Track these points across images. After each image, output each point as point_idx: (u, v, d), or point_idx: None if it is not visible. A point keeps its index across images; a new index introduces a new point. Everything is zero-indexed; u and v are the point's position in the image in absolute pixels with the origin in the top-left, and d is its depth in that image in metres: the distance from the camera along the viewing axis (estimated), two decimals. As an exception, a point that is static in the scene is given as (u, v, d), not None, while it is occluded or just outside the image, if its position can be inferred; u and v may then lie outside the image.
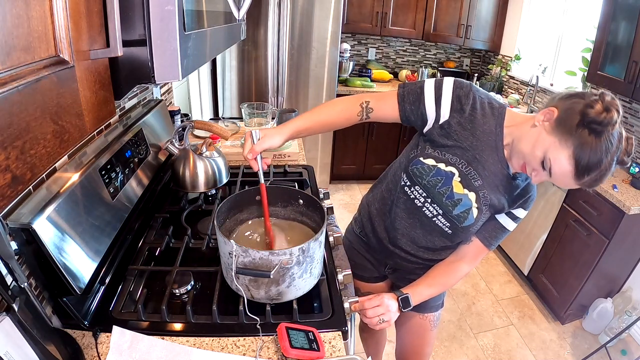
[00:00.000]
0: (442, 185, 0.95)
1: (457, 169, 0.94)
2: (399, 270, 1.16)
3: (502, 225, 1.01)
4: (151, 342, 0.80)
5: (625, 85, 1.93)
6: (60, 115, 0.47)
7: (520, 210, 1.00)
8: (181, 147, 1.32)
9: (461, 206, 0.95)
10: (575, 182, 0.80)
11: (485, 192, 0.94)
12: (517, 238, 2.54)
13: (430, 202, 0.98)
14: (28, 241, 0.71)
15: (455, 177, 0.94)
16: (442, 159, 0.94)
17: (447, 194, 0.95)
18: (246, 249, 0.81)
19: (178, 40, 0.61)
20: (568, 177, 0.80)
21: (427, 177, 0.96)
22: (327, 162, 3.33)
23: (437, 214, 0.99)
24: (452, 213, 0.97)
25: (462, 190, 0.94)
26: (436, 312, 1.21)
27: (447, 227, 1.00)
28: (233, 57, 2.71)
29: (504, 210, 0.98)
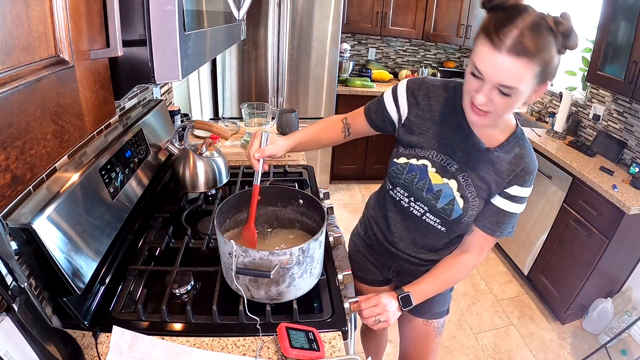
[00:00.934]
0: (418, 180, 0.95)
1: (428, 160, 0.94)
2: (403, 273, 1.15)
3: (499, 208, 0.93)
4: (151, 342, 0.80)
5: (625, 85, 1.93)
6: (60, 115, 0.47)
7: (515, 187, 0.91)
8: (181, 147, 1.32)
9: (443, 197, 0.93)
10: (495, 50, 0.71)
11: (464, 174, 0.91)
12: (517, 238, 2.54)
13: (413, 200, 0.98)
14: (28, 241, 0.71)
15: (430, 168, 0.94)
16: (413, 155, 0.96)
17: (426, 188, 0.94)
18: (246, 249, 0.81)
19: (178, 40, 0.61)
20: (487, 52, 0.73)
21: (402, 175, 0.97)
22: (327, 162, 3.33)
23: (424, 211, 0.98)
24: (437, 207, 0.94)
25: (441, 180, 0.93)
26: (441, 319, 1.18)
27: (438, 224, 0.98)
28: (233, 57, 2.71)
29: (496, 191, 0.92)
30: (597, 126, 2.46)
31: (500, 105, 0.78)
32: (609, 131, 2.37)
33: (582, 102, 2.57)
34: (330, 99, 3.00)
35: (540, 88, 0.78)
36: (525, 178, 0.90)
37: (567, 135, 2.52)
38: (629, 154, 2.22)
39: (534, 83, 0.75)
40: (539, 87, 0.77)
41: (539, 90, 0.78)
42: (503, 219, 0.94)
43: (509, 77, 0.73)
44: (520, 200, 0.93)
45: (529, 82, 0.74)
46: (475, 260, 1.00)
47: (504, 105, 0.78)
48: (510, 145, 0.90)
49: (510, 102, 0.77)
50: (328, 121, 1.10)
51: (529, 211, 2.42)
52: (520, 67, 0.71)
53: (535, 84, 0.75)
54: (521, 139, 0.91)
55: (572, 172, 2.08)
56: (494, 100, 0.77)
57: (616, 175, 2.03)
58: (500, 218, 0.94)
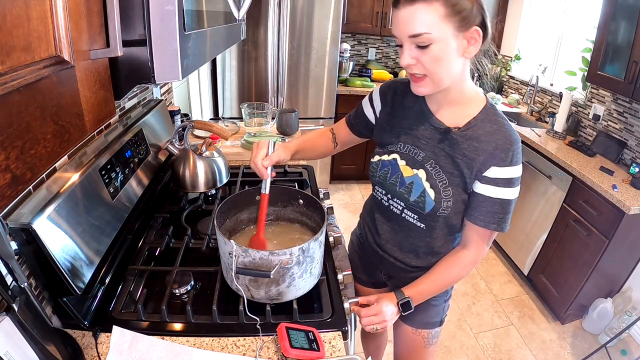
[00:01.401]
0: (391, 175, 0.95)
1: (397, 154, 0.94)
2: (394, 278, 1.14)
3: (484, 196, 0.86)
4: (151, 342, 0.80)
5: (625, 85, 1.93)
6: (60, 115, 0.47)
7: (494, 169, 0.83)
8: (181, 147, 1.32)
9: (415, 190, 0.91)
10: (396, 9, 0.75)
11: (432, 162, 0.89)
12: (517, 238, 2.54)
13: (390, 197, 0.99)
14: (28, 241, 0.71)
15: (399, 161, 0.94)
16: (385, 152, 0.98)
17: (399, 182, 0.94)
18: (246, 249, 0.81)
19: (178, 40, 0.61)
20: (393, 15, 0.76)
21: (377, 173, 0.98)
22: (327, 162, 3.33)
23: (402, 207, 0.97)
24: (410, 201, 0.92)
25: (411, 172, 0.92)
26: (432, 330, 1.12)
27: (417, 221, 0.96)
28: (233, 57, 2.71)
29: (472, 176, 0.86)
30: (597, 126, 2.46)
31: (428, 60, 0.77)
32: (609, 131, 2.37)
33: (582, 102, 2.56)
34: (330, 99, 3.00)
35: (468, 36, 0.76)
36: (501, 157, 0.82)
37: (567, 135, 2.52)
38: (629, 154, 2.22)
39: (448, 28, 0.73)
40: (462, 33, 0.75)
41: (468, 38, 0.76)
42: (493, 208, 0.86)
43: (413, 24, 0.74)
44: (505, 183, 0.84)
45: (439, 27, 0.73)
46: (474, 256, 0.94)
47: (432, 60, 0.77)
48: (480, 122, 0.85)
49: (437, 56, 0.76)
50: (320, 131, 1.15)
51: (529, 211, 2.42)
52: (419, 11, 0.72)
53: (452, 30, 0.74)
54: (492, 114, 0.86)
55: (572, 172, 2.08)
56: (419, 58, 0.77)
57: (616, 175, 2.03)
58: (490, 207, 0.86)
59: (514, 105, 3.17)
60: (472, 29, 0.76)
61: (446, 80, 0.81)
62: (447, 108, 0.89)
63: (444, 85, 0.82)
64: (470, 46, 0.78)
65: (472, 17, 0.75)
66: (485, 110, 0.87)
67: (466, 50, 0.78)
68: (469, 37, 0.76)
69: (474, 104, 0.88)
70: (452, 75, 0.81)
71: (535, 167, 2.37)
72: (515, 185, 0.85)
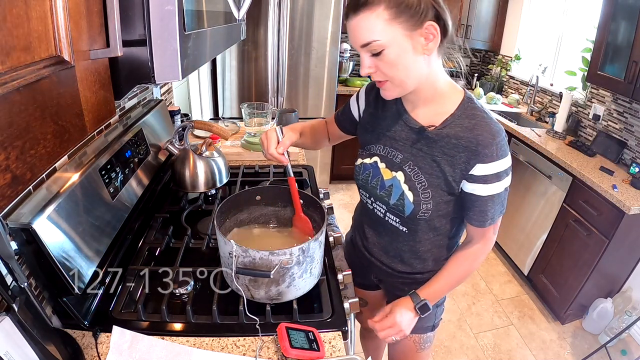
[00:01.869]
0: (372, 178, 0.95)
1: (377, 156, 0.94)
2: (384, 282, 1.14)
3: (475, 195, 0.83)
4: (151, 342, 0.80)
5: (625, 85, 1.93)
6: (60, 115, 0.47)
7: (479, 166, 0.80)
8: (181, 147, 1.32)
9: (395, 193, 0.90)
10: (346, 21, 0.76)
11: (410, 163, 0.87)
12: (517, 238, 2.54)
13: (373, 200, 0.98)
14: (28, 241, 0.71)
15: (379, 164, 0.93)
16: (366, 155, 0.97)
17: (380, 185, 0.93)
18: (246, 249, 0.81)
19: (178, 40, 0.61)
20: (347, 28, 0.77)
21: (360, 176, 0.98)
22: (327, 162, 3.33)
23: (385, 211, 0.96)
24: (390, 204, 0.91)
25: (390, 174, 0.90)
26: (424, 334, 1.11)
27: (399, 224, 0.95)
28: (233, 57, 2.71)
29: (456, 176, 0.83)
30: (597, 126, 2.46)
31: (385, 66, 0.76)
32: (609, 131, 2.37)
33: (582, 102, 2.56)
34: (330, 99, 3.00)
35: (423, 33, 0.73)
36: (485, 153, 0.78)
37: (567, 135, 2.52)
38: (629, 154, 2.22)
39: (397, 30, 0.71)
40: (416, 31, 0.72)
41: (424, 35, 0.73)
42: (483, 206, 0.84)
43: (361, 34, 0.74)
44: (494, 178, 0.81)
45: (386, 31, 0.71)
46: (483, 248, 0.92)
47: (388, 65, 0.76)
48: (457, 119, 0.82)
49: (392, 60, 0.75)
50: (318, 120, 1.17)
51: (529, 211, 2.42)
52: (364, 20, 0.72)
53: (402, 30, 0.72)
54: (469, 109, 0.82)
55: (572, 172, 2.08)
56: (377, 65, 0.77)
57: (616, 175, 2.03)
58: (482, 205, 0.84)
59: (514, 105, 3.17)
60: (426, 25, 0.72)
61: (410, 82, 0.79)
62: (422, 107, 0.87)
63: (410, 87, 0.80)
64: (429, 42, 0.74)
65: (422, 12, 0.71)
66: (463, 105, 0.83)
67: (425, 48, 0.75)
68: (425, 34, 0.73)
69: (450, 100, 0.84)
70: (415, 75, 0.78)
71: (535, 167, 2.37)
72: (505, 177, 0.82)
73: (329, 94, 2.98)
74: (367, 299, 1.28)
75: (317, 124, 1.16)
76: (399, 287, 1.08)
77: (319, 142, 1.17)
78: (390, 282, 1.10)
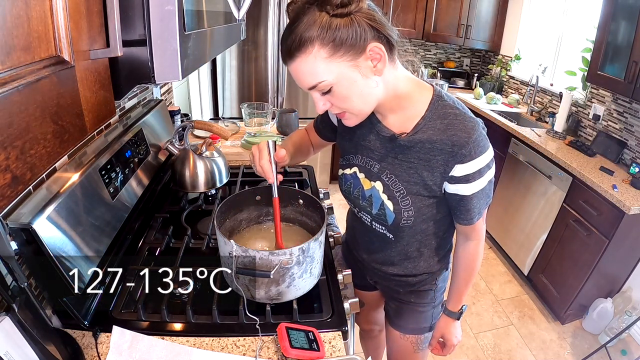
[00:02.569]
0: (354, 189, 0.93)
1: (356, 166, 0.92)
2: (380, 284, 1.14)
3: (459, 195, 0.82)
4: (151, 342, 0.80)
5: (625, 85, 1.93)
6: (60, 115, 0.47)
7: (458, 167, 0.77)
8: (181, 147, 1.32)
9: (375, 202, 0.88)
10: (286, 66, 0.72)
11: (387, 172, 0.85)
12: (517, 238, 2.54)
13: (358, 210, 0.97)
14: (28, 241, 0.71)
15: (359, 174, 0.91)
16: (347, 165, 0.95)
17: (361, 195, 0.91)
18: (246, 249, 0.81)
19: (178, 40, 0.61)
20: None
21: (343, 187, 0.98)
22: (327, 162, 3.33)
23: (371, 219, 0.95)
24: (373, 213, 0.90)
25: (370, 184, 0.89)
26: (421, 335, 1.11)
27: (385, 231, 0.95)
28: (233, 57, 2.71)
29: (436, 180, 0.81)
30: (597, 126, 2.46)
31: (338, 101, 0.73)
32: (609, 131, 2.37)
33: (582, 102, 2.56)
34: (330, 99, 3.00)
35: (366, 56, 0.69)
36: (461, 153, 0.76)
37: (567, 135, 2.52)
38: (629, 154, 2.22)
39: (340, 65, 0.67)
40: (359, 58, 0.68)
41: (370, 58, 0.69)
42: (468, 204, 0.83)
43: (303, 78, 0.70)
44: (475, 176, 0.78)
45: (329, 69, 0.68)
46: (478, 242, 0.94)
47: (341, 99, 0.73)
48: (428, 122, 0.78)
49: (343, 95, 0.72)
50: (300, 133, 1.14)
51: (529, 211, 2.42)
52: (302, 64, 0.68)
53: (346, 63, 0.68)
54: (440, 109, 0.78)
55: (572, 172, 2.08)
56: (330, 100, 0.74)
57: (616, 175, 2.03)
58: (467, 204, 0.83)
59: (514, 105, 3.17)
60: (369, 48, 0.68)
61: (368, 106, 0.76)
62: (391, 115, 0.83)
63: (370, 109, 0.78)
64: (377, 62, 0.70)
65: (360, 38, 0.67)
66: (433, 105, 0.79)
67: (374, 69, 0.71)
68: (371, 56, 0.69)
69: (419, 101, 0.80)
70: (371, 98, 0.75)
71: (535, 167, 2.37)
72: (487, 171, 0.79)
73: (329, 94, 2.98)
74: (364, 300, 1.28)
75: (300, 138, 1.11)
76: (394, 289, 1.08)
77: (304, 154, 1.14)
78: (385, 284, 1.11)
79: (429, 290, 1.06)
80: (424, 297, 1.06)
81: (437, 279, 1.06)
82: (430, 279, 1.04)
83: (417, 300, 1.07)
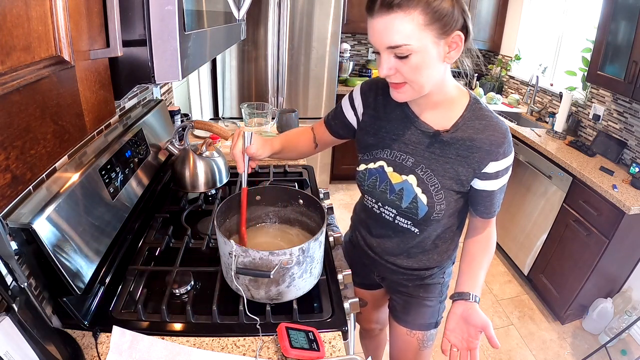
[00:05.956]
0: (380, 183, 0.93)
1: (384, 161, 0.92)
2: (387, 279, 1.14)
3: (487, 191, 0.88)
4: (151, 342, 0.80)
5: (625, 85, 1.93)
6: (60, 115, 0.47)
7: (492, 164, 0.84)
8: (181, 147, 1.32)
9: (406, 196, 0.89)
10: (371, 17, 0.72)
11: (422, 166, 0.87)
12: (517, 238, 2.54)
13: (381, 205, 0.97)
14: (28, 241, 0.71)
15: (386, 168, 0.92)
16: (370, 159, 0.95)
17: (389, 189, 0.92)
18: (246, 249, 0.81)
19: (178, 40, 0.61)
20: (369, 24, 0.73)
21: (365, 182, 0.96)
22: (327, 162, 3.33)
23: (395, 215, 0.96)
24: (402, 207, 0.91)
25: (400, 178, 0.90)
26: (427, 332, 1.11)
27: (410, 226, 0.96)
28: (233, 57, 2.71)
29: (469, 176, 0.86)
30: (597, 126, 2.46)
31: (407, 71, 0.74)
32: (609, 131, 2.37)
33: (582, 102, 2.56)
34: (330, 99, 3.00)
35: (450, 41, 0.72)
36: (498, 152, 0.83)
37: (567, 135, 2.52)
38: (629, 154, 2.22)
39: (428, 36, 0.70)
40: (444, 39, 0.72)
41: (449, 43, 0.73)
42: (494, 199, 0.90)
43: (390, 35, 0.70)
44: (503, 173, 0.86)
45: (419, 36, 0.69)
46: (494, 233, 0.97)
47: (411, 70, 0.74)
48: (467, 121, 0.84)
49: (416, 65, 0.73)
50: (301, 129, 1.10)
51: (529, 211, 2.42)
52: (397, 21, 0.68)
53: (433, 37, 0.70)
54: (477, 110, 0.85)
55: (572, 172, 2.08)
56: (398, 68, 0.74)
57: (616, 175, 2.03)
58: (492, 199, 0.90)
59: (514, 105, 3.17)
60: (454, 34, 0.72)
61: (427, 87, 0.79)
62: (431, 110, 0.87)
63: (425, 92, 0.80)
64: (452, 51, 0.74)
65: (454, 21, 0.71)
66: (470, 107, 0.85)
67: (447, 56, 0.75)
68: (451, 43, 0.73)
69: (458, 103, 0.85)
70: (433, 81, 0.78)
71: (535, 167, 2.37)
72: (510, 168, 0.88)
73: (329, 94, 2.98)
74: (367, 299, 1.28)
75: (300, 135, 1.09)
76: (402, 283, 1.09)
77: (302, 153, 1.11)
78: (393, 278, 1.11)
79: (437, 284, 1.09)
80: (432, 291, 1.09)
81: (445, 272, 1.09)
82: (440, 272, 1.07)
83: (425, 295, 1.09)
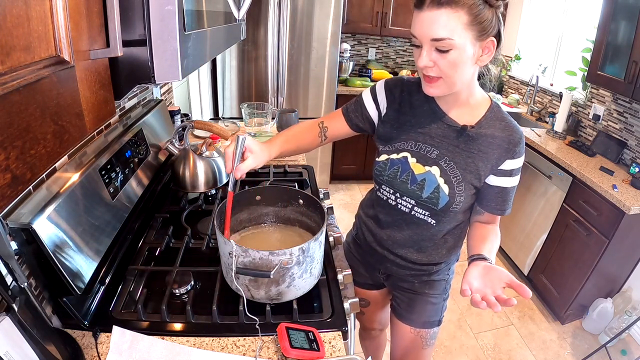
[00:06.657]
0: (401, 174, 0.96)
1: (408, 152, 0.95)
2: (393, 277, 1.15)
3: (500, 187, 0.94)
4: (151, 342, 0.80)
5: (625, 85, 1.93)
6: (60, 115, 0.47)
7: (508, 162, 0.91)
8: (181, 147, 1.32)
9: (428, 186, 0.93)
10: (420, 10, 0.77)
11: (446, 159, 0.92)
12: (517, 238, 2.54)
13: (399, 195, 0.99)
14: (28, 241, 0.71)
15: (410, 159, 0.95)
16: (393, 150, 0.98)
17: (410, 179, 0.95)
18: (246, 249, 0.81)
19: (178, 40, 0.61)
20: (415, 16, 0.79)
21: (385, 172, 0.99)
22: (327, 162, 3.33)
23: (412, 205, 0.98)
24: (422, 197, 0.94)
25: (423, 169, 0.93)
26: (430, 330, 1.14)
27: (427, 217, 0.98)
28: (233, 57, 2.71)
29: (487, 171, 0.91)
30: (597, 126, 2.46)
31: (445, 65, 0.79)
32: (609, 131, 2.37)
33: (582, 102, 2.57)
34: (330, 99, 3.00)
35: (484, 45, 0.79)
36: (515, 150, 0.91)
37: (567, 135, 2.52)
38: (629, 154, 2.22)
39: (468, 36, 0.76)
40: (480, 42, 0.78)
41: (483, 47, 0.79)
42: (506, 196, 0.95)
43: (437, 28, 0.75)
44: (516, 172, 0.94)
45: (461, 34, 0.75)
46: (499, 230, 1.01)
47: (449, 64, 0.79)
48: (489, 121, 0.91)
49: (454, 61, 0.78)
50: (303, 125, 1.06)
51: (529, 211, 2.42)
52: (444, 16, 0.74)
53: (472, 38, 0.77)
54: (498, 112, 0.92)
55: (572, 172, 2.08)
56: (436, 61, 0.79)
57: (616, 175, 2.03)
58: (504, 195, 0.95)
59: (514, 105, 3.17)
60: (488, 40, 0.79)
61: (458, 84, 0.84)
62: (457, 108, 0.92)
63: (456, 89, 0.86)
64: (484, 55, 0.81)
65: (491, 27, 0.78)
66: (492, 109, 0.92)
67: (479, 59, 0.81)
68: (485, 47, 0.80)
69: (481, 105, 0.92)
70: (464, 80, 0.84)
71: (535, 167, 2.37)
72: (521, 168, 0.94)
73: (329, 94, 2.98)
74: (369, 299, 1.28)
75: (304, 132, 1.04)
76: (408, 279, 1.11)
77: (304, 150, 1.07)
78: (400, 274, 1.12)
79: (442, 280, 1.11)
80: (437, 288, 1.11)
81: (450, 269, 1.12)
82: (445, 268, 1.10)
83: (430, 291, 1.11)
